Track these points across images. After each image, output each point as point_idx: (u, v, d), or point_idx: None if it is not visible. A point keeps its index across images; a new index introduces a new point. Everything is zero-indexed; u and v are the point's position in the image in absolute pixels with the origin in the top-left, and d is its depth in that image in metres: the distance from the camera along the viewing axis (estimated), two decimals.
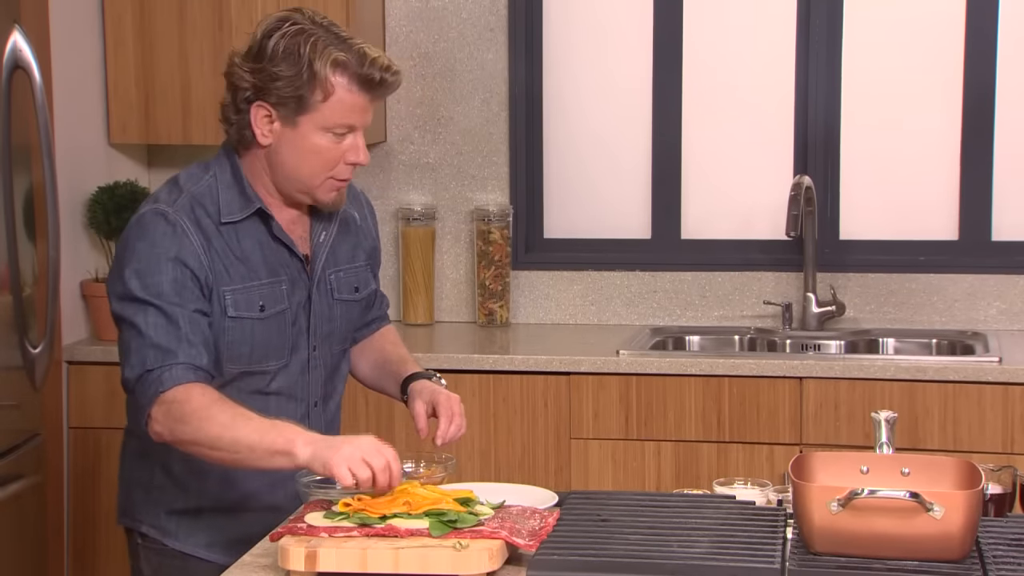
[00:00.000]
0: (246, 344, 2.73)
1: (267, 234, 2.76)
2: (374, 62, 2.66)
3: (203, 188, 2.74)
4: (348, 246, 2.90)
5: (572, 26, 4.69)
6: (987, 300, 4.51)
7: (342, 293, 2.87)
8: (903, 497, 2.21)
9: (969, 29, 4.49)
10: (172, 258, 2.64)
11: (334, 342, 2.88)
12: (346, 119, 2.67)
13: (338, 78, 2.64)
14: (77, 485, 4.29)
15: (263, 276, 2.75)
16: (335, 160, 2.70)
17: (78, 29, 4.35)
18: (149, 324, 2.62)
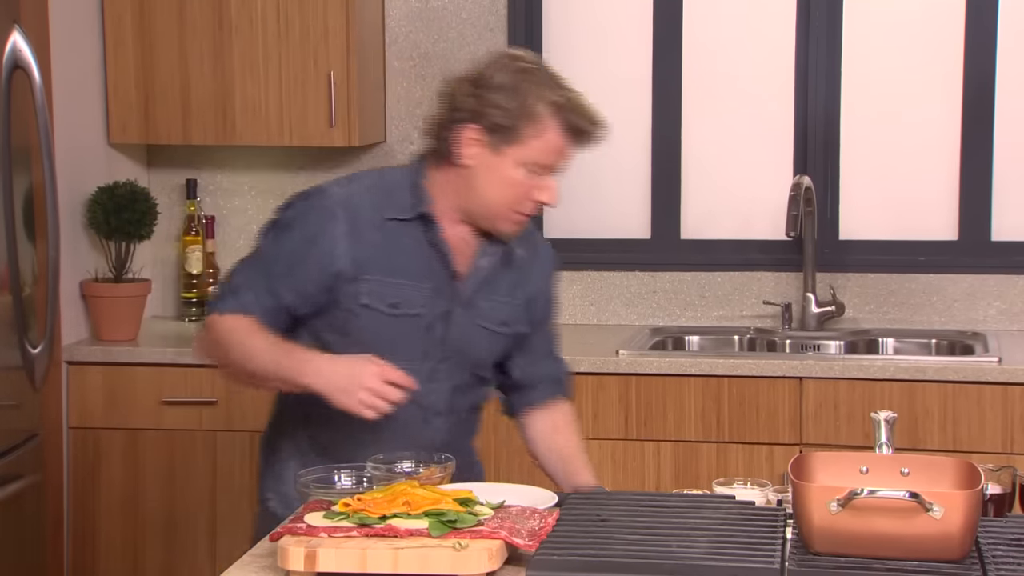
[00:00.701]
0: (373, 336, 2.81)
1: (425, 239, 2.84)
2: (587, 114, 2.81)
3: (380, 182, 2.88)
4: (509, 280, 2.94)
5: (572, 26, 4.69)
6: (987, 300, 4.51)
7: (488, 322, 2.91)
8: (903, 497, 2.21)
9: (969, 29, 4.50)
10: (308, 236, 2.81)
11: (466, 363, 2.92)
12: (547, 159, 2.78)
13: (551, 120, 2.77)
14: (76, 485, 4.29)
15: (408, 277, 2.83)
16: (524, 195, 2.79)
17: (78, 29, 4.35)
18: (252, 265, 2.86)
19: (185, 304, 4.72)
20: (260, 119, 4.44)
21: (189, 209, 4.72)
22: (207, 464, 4.26)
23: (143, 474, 4.28)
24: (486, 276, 2.89)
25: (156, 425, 4.26)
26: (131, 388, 4.25)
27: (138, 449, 4.27)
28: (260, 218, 4.77)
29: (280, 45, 4.41)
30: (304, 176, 4.76)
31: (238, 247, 4.79)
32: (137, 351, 4.28)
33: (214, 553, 4.27)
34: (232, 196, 4.80)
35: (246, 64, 4.42)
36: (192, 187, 4.72)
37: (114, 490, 4.29)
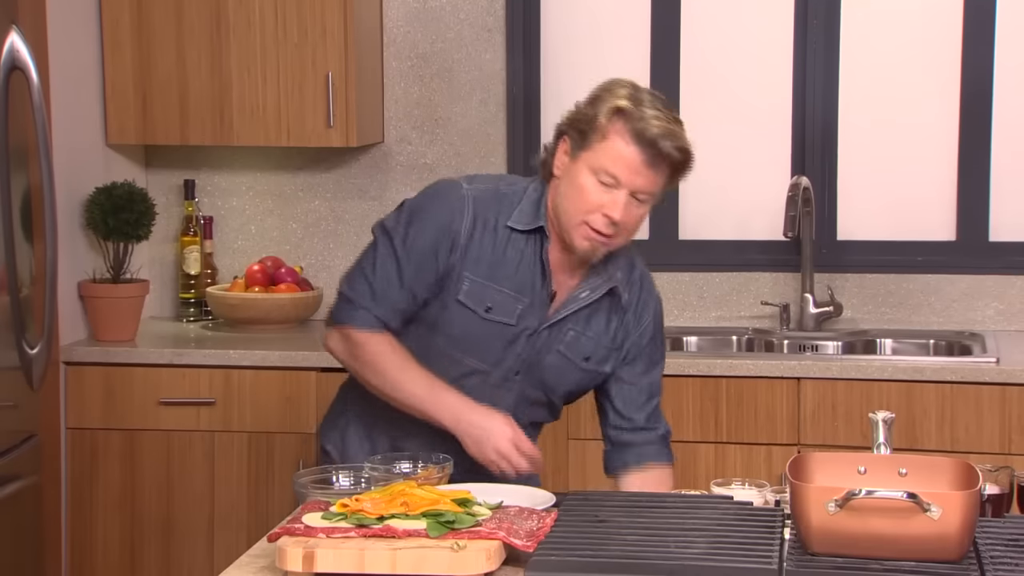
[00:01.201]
0: (460, 330, 2.88)
1: (535, 254, 2.88)
2: (654, 123, 2.77)
3: (512, 190, 2.92)
4: (605, 318, 2.96)
5: (570, 26, 4.69)
6: (985, 301, 4.51)
7: (570, 351, 2.94)
8: (900, 498, 2.21)
9: (967, 29, 4.50)
10: (442, 224, 2.86)
11: (540, 384, 2.96)
12: (613, 168, 2.77)
13: (615, 124, 2.78)
14: (74, 486, 4.28)
15: (509, 287, 2.88)
16: (594, 206, 2.79)
17: (76, 30, 4.34)
18: (379, 263, 2.89)
19: (183, 305, 4.72)
20: (258, 120, 4.43)
21: (187, 210, 4.72)
22: (205, 465, 4.25)
23: (141, 475, 4.27)
24: (582, 307, 2.92)
25: (154, 426, 4.26)
26: (129, 389, 4.25)
27: (136, 450, 4.27)
28: (258, 219, 4.79)
29: (278, 46, 4.41)
30: (302, 177, 4.76)
31: (236, 247, 4.79)
32: (135, 352, 4.28)
33: (212, 553, 4.26)
34: (230, 197, 4.79)
35: (244, 65, 4.42)
36: (190, 188, 4.72)
37: (112, 490, 4.29)
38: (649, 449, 3.01)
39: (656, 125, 2.77)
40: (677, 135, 2.80)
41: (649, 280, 3.05)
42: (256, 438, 4.24)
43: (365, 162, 4.74)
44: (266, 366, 4.21)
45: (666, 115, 2.81)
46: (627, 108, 2.78)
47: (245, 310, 4.52)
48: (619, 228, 2.81)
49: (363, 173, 4.74)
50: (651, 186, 2.80)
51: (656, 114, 2.79)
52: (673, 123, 2.81)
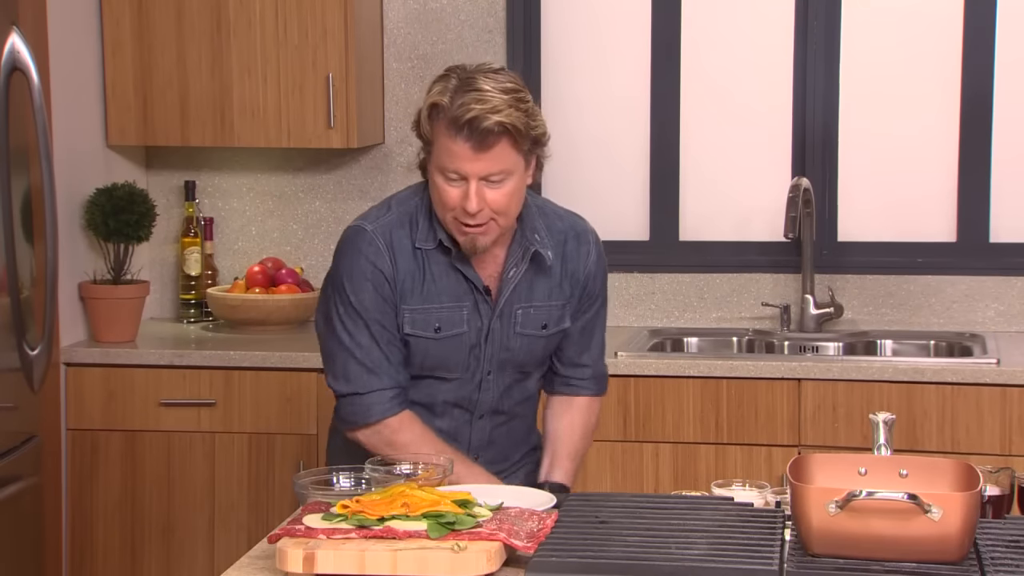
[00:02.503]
0: (419, 358, 2.90)
1: (450, 264, 2.89)
2: (465, 107, 2.72)
3: (409, 209, 2.92)
4: (544, 285, 2.96)
5: (570, 28, 4.69)
6: (985, 302, 4.51)
7: (526, 328, 2.95)
8: (901, 499, 2.21)
9: (967, 31, 4.50)
10: (372, 272, 2.86)
11: (513, 370, 2.99)
12: (450, 164, 2.77)
13: (435, 123, 2.78)
14: (75, 487, 4.28)
15: (445, 300, 2.89)
16: (452, 204, 2.80)
17: (76, 31, 4.35)
18: (353, 342, 2.87)
19: (183, 306, 4.72)
20: (258, 121, 4.44)
21: (187, 211, 4.72)
22: (205, 466, 4.25)
23: (141, 476, 4.27)
24: (517, 286, 2.92)
25: (154, 427, 4.26)
26: (129, 390, 4.25)
27: (136, 451, 4.27)
28: (258, 220, 4.79)
29: (278, 47, 4.41)
30: (302, 178, 4.76)
31: (236, 249, 4.79)
32: (135, 353, 4.28)
33: (212, 555, 4.26)
34: (230, 198, 4.79)
35: (244, 66, 4.42)
36: (190, 189, 4.72)
37: (112, 492, 4.29)
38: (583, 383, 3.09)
39: (470, 109, 2.71)
40: (497, 108, 2.71)
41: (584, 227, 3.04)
42: (256, 439, 4.24)
43: (366, 163, 4.74)
44: (266, 367, 4.21)
45: (490, 88, 2.73)
46: (439, 102, 2.76)
47: (245, 311, 4.52)
48: (488, 213, 2.78)
49: (364, 174, 4.74)
50: (496, 165, 2.75)
51: (475, 95, 2.72)
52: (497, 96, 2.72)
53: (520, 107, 2.76)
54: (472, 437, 3.00)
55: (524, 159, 2.80)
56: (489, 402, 2.98)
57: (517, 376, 3.01)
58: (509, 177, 2.78)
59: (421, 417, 2.94)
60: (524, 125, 2.76)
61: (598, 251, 3.07)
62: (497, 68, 2.82)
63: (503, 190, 2.78)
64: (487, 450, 3.01)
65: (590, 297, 3.05)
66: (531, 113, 2.79)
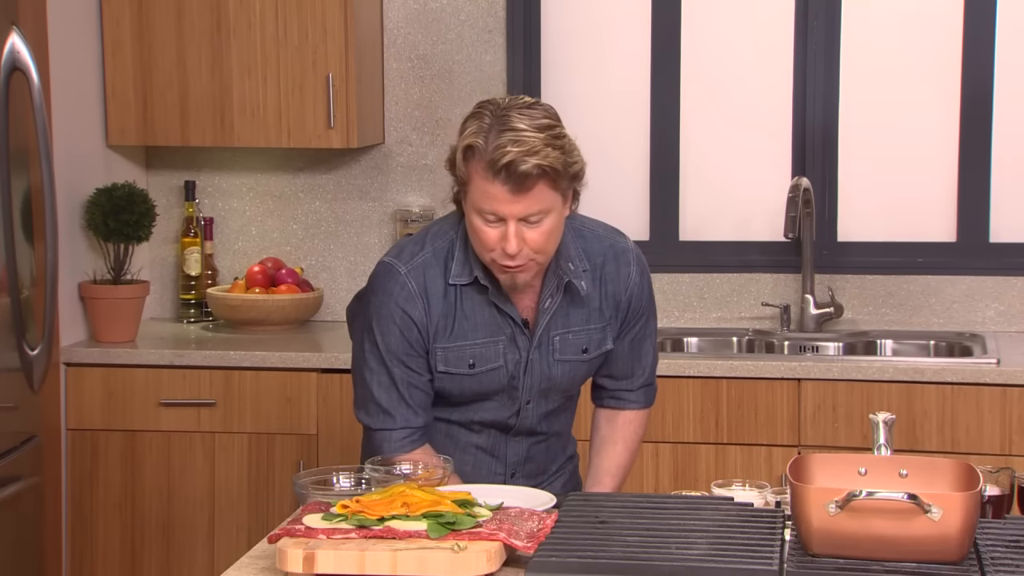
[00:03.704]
0: (455, 392, 2.90)
1: (487, 300, 2.86)
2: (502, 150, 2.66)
3: (444, 245, 2.88)
4: (581, 312, 2.94)
5: (570, 28, 4.69)
6: (985, 302, 4.51)
7: (565, 354, 2.93)
8: (901, 499, 2.21)
9: (967, 31, 4.50)
10: (400, 317, 2.83)
11: (554, 395, 2.97)
12: (488, 206, 2.71)
13: (471, 165, 2.71)
14: (75, 487, 4.28)
15: (479, 336, 2.87)
16: (491, 245, 2.75)
17: (76, 31, 4.35)
18: (374, 379, 2.88)
19: (183, 306, 4.72)
20: (258, 121, 4.44)
21: (187, 211, 4.72)
22: (205, 466, 4.25)
23: (141, 476, 4.27)
24: (553, 315, 2.90)
25: (154, 427, 4.26)
26: (129, 390, 4.25)
27: (136, 451, 4.27)
28: (259, 220, 4.79)
29: (278, 47, 4.41)
30: (303, 178, 4.76)
31: (236, 249, 4.79)
32: (135, 353, 4.28)
33: (212, 555, 4.27)
34: (230, 198, 4.79)
35: (244, 66, 4.42)
36: (190, 189, 4.72)
37: (112, 492, 4.29)
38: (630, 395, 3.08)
39: (505, 151, 2.65)
40: (534, 149, 2.65)
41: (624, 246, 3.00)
42: (256, 439, 4.24)
43: (366, 163, 4.74)
44: (266, 367, 4.21)
45: (526, 127, 2.68)
46: (474, 144, 2.69)
47: (246, 311, 4.52)
48: (527, 253, 2.74)
49: (364, 174, 4.74)
50: (535, 206, 2.70)
51: (511, 136, 2.66)
52: (534, 134, 2.67)
53: (557, 145, 2.70)
54: (508, 453, 2.99)
55: (562, 196, 2.75)
56: (527, 427, 2.97)
57: (561, 401, 3.00)
58: (547, 216, 2.74)
59: (458, 435, 2.95)
60: (562, 164, 2.70)
61: (639, 268, 3.00)
62: (531, 103, 2.76)
63: (542, 228, 2.73)
64: (524, 466, 3.01)
65: (635, 314, 3.01)
66: (567, 150, 2.73)
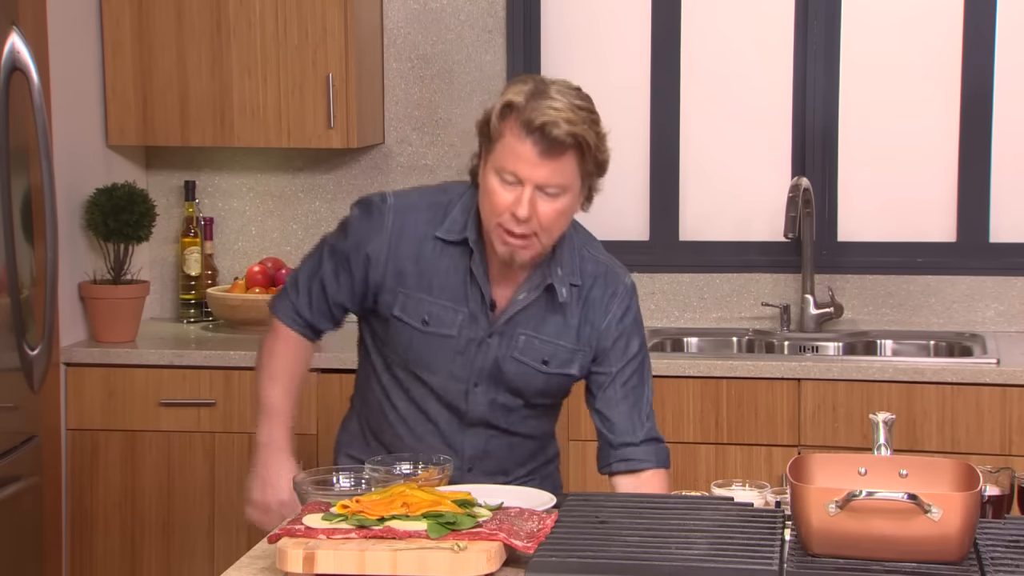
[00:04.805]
0: (404, 346, 2.90)
1: (466, 266, 2.84)
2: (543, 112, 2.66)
3: (444, 198, 2.90)
4: (556, 322, 2.89)
5: (570, 28, 4.69)
6: (985, 302, 4.51)
7: (525, 355, 2.89)
8: (901, 499, 2.21)
9: (967, 31, 4.50)
10: (356, 238, 2.88)
11: (506, 392, 2.92)
12: (511, 165, 2.70)
13: (506, 121, 2.71)
14: (75, 487, 4.28)
15: (445, 298, 2.85)
16: (502, 207, 2.73)
17: (76, 31, 4.35)
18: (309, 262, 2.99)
19: (183, 306, 4.72)
20: (258, 121, 4.44)
21: (187, 211, 4.72)
22: (205, 466, 4.25)
23: (141, 476, 4.27)
24: (524, 310, 2.87)
25: (154, 427, 4.26)
26: (129, 390, 4.25)
27: (136, 451, 4.27)
28: (258, 220, 4.79)
29: (278, 47, 4.41)
30: (302, 178, 4.76)
31: (236, 249, 4.80)
32: (135, 353, 4.28)
33: (212, 555, 4.26)
34: (230, 198, 4.80)
35: (244, 66, 4.42)
36: (190, 189, 4.72)
37: (112, 492, 4.29)
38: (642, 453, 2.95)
39: (545, 113, 2.66)
40: (572, 120, 2.67)
41: (618, 278, 2.95)
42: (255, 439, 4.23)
43: (366, 163, 4.74)
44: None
45: (565, 103, 2.69)
46: (516, 102, 2.69)
47: (246, 311, 4.52)
48: (534, 226, 2.72)
49: (364, 174, 4.74)
50: (556, 177, 2.70)
51: (550, 103, 2.67)
52: (573, 110, 2.69)
53: (593, 124, 2.74)
54: (465, 445, 2.93)
55: (582, 181, 2.76)
56: (479, 414, 2.92)
57: (513, 401, 2.93)
58: (564, 193, 2.73)
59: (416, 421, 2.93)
60: (594, 144, 2.73)
61: (628, 305, 2.94)
62: (576, 86, 2.78)
63: (555, 205, 2.72)
64: (483, 461, 2.95)
65: (618, 353, 2.94)
66: (601, 136, 2.76)
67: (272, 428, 2.99)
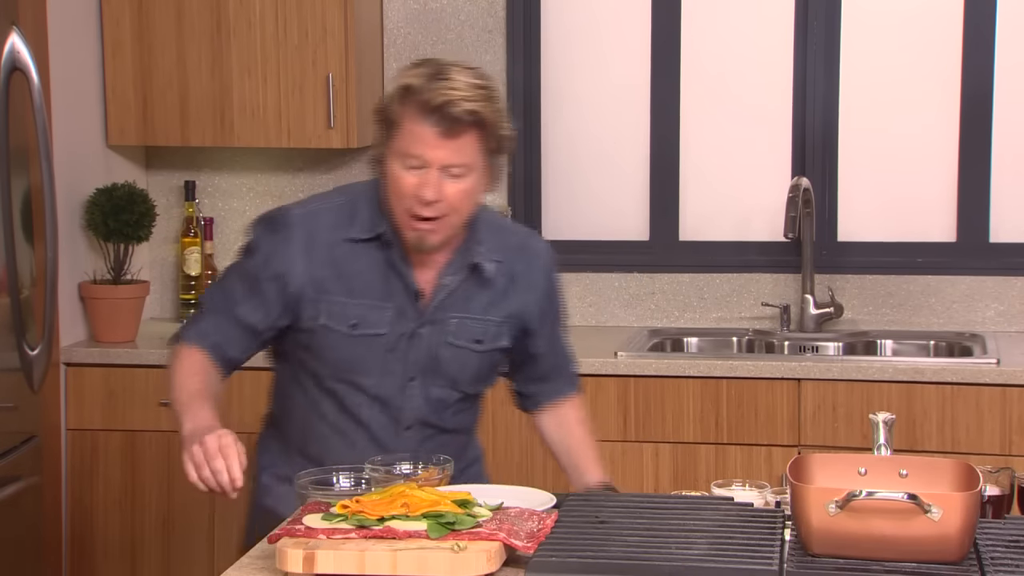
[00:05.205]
0: (334, 354, 2.83)
1: (386, 260, 2.81)
2: (440, 92, 2.65)
3: (348, 200, 2.84)
4: (483, 298, 2.89)
5: (570, 28, 4.69)
6: (985, 302, 4.51)
7: (459, 339, 2.87)
8: (901, 499, 2.21)
9: (967, 30, 4.50)
10: (264, 257, 2.81)
11: (443, 381, 2.89)
12: (412, 148, 2.69)
13: (404, 106, 2.69)
14: (75, 487, 4.29)
15: (369, 297, 2.81)
16: (408, 193, 2.71)
17: (76, 31, 4.35)
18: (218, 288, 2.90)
19: (183, 306, 4.72)
20: (258, 121, 4.44)
21: (187, 211, 4.72)
22: None
23: (141, 476, 4.27)
24: (452, 293, 2.85)
25: (154, 427, 4.26)
26: (129, 390, 4.25)
27: (136, 451, 4.27)
28: None
29: (278, 47, 4.41)
30: (303, 178, 4.76)
31: (236, 249, 4.78)
32: (135, 353, 4.28)
33: (212, 555, 4.26)
34: (230, 198, 4.80)
35: (244, 66, 4.42)
36: (190, 189, 4.72)
37: (112, 492, 4.29)
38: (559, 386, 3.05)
39: (444, 94, 2.64)
40: (470, 98, 2.66)
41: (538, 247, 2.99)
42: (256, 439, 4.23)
43: (366, 163, 4.74)
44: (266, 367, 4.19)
45: (463, 82, 2.67)
46: (414, 85, 2.68)
47: None
48: (442, 208, 2.71)
49: (364, 174, 4.73)
50: (459, 157, 2.68)
51: (448, 84, 2.66)
52: (471, 89, 2.67)
53: (492, 102, 2.73)
54: (399, 449, 2.85)
55: (486, 160, 2.75)
56: (416, 412, 2.88)
57: (451, 392, 2.90)
58: (469, 173, 2.72)
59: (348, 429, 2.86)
60: (494, 122, 2.72)
61: (551, 269, 3.00)
62: (474, 66, 2.78)
63: (461, 186, 2.71)
64: None
65: (545, 316, 2.97)
66: (501, 113, 2.75)
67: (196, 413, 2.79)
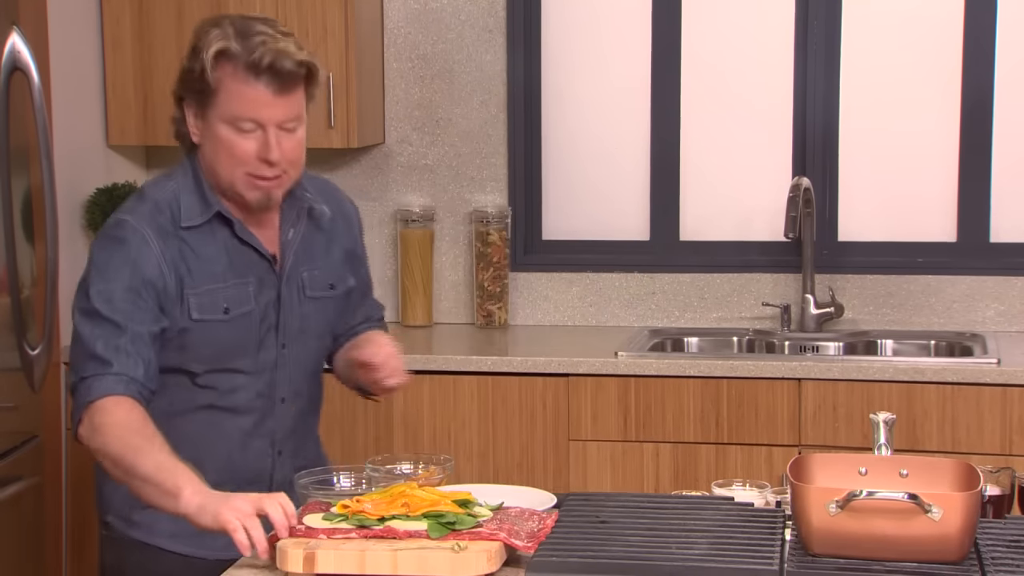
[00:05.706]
0: (212, 345, 2.75)
1: (231, 236, 2.76)
2: (262, 49, 2.61)
3: (167, 194, 2.76)
4: (322, 243, 2.88)
5: (571, 27, 4.69)
6: (985, 302, 4.51)
7: (315, 290, 2.86)
8: (901, 499, 2.21)
9: (968, 31, 4.50)
10: (129, 267, 2.67)
11: (308, 339, 2.86)
12: (246, 112, 2.65)
13: (225, 70, 2.65)
14: (75, 487, 4.28)
15: (228, 278, 2.75)
16: (247, 156, 2.67)
17: (76, 30, 4.35)
18: (94, 334, 2.64)
19: None
20: None
21: None
22: None
23: None
24: (298, 248, 2.82)
25: None
26: None
27: None
28: None
29: None
30: None
31: None
32: None
33: None
34: None
35: None
36: None
37: None
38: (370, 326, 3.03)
39: (267, 50, 2.61)
40: (291, 50, 2.63)
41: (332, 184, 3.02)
42: None
43: (366, 163, 4.74)
44: None
45: (270, 34, 2.64)
46: (229, 48, 2.63)
47: None
48: (283, 165, 2.68)
49: (364, 174, 4.74)
50: (293, 110, 2.66)
51: (264, 40, 2.62)
52: (284, 39, 2.64)
53: (303, 46, 2.69)
54: (276, 426, 2.83)
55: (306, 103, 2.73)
56: (287, 380, 2.82)
57: (314, 346, 2.87)
58: (300, 124, 2.70)
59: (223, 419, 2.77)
60: (315, 64, 2.69)
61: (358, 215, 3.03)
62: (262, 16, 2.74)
63: (296, 137, 2.69)
64: (290, 439, 2.86)
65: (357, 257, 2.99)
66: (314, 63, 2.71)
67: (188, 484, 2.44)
